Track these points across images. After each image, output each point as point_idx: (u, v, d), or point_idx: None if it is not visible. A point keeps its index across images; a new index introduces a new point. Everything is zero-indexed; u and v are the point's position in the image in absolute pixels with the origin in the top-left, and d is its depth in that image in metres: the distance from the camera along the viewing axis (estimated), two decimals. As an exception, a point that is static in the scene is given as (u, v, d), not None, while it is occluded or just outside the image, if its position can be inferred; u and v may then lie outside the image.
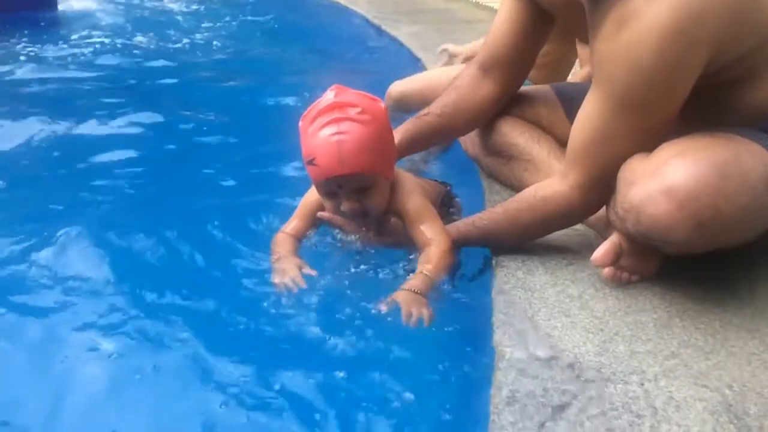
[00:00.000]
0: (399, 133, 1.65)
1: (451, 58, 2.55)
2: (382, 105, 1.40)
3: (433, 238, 1.36)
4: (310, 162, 1.31)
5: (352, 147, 1.27)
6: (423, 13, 4.79)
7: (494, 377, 1.09)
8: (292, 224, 1.51)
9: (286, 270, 1.36)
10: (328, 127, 1.28)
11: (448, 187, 1.67)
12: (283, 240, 1.48)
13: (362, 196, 1.33)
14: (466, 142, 1.93)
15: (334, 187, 1.33)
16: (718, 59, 1.18)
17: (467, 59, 2.42)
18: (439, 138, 1.76)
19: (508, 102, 1.75)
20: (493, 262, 1.44)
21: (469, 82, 1.69)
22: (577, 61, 2.31)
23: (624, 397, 1.04)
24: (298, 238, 1.49)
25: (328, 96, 1.33)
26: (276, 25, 4.81)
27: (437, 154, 2.12)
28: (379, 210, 1.38)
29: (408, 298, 1.25)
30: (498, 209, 1.44)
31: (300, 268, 1.37)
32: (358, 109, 1.30)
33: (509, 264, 1.42)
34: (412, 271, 1.36)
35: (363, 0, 5.29)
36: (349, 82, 1.40)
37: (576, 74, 2.29)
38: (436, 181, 1.68)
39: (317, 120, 1.30)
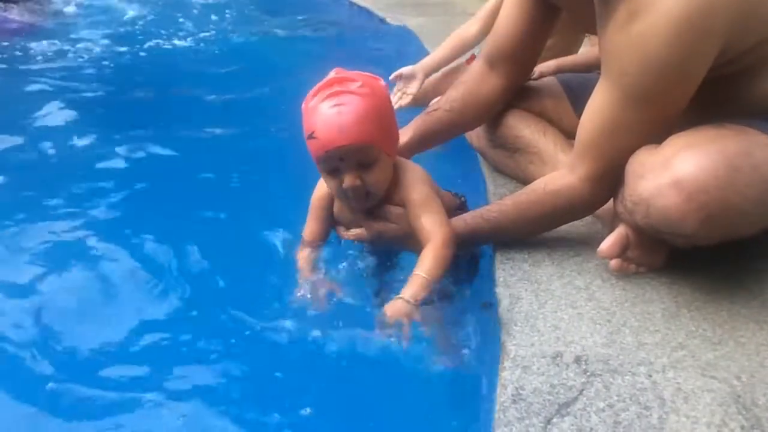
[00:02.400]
0: (410, 130, 1.64)
1: (409, 81, 2.25)
2: (383, 83, 1.39)
3: (431, 230, 1.34)
4: (311, 136, 1.30)
5: (351, 117, 1.26)
6: (427, 6, 4.77)
7: (499, 375, 1.09)
8: (308, 230, 1.51)
9: (311, 288, 1.38)
10: (328, 100, 1.28)
11: (463, 199, 1.65)
12: (302, 252, 1.48)
13: (364, 173, 1.32)
14: (471, 135, 1.92)
15: (335, 161, 1.31)
16: (728, 50, 1.17)
17: (426, 75, 2.25)
18: (448, 133, 1.75)
19: (514, 95, 1.74)
20: (499, 254, 1.44)
21: (475, 76, 1.69)
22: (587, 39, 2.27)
23: (631, 389, 1.04)
24: (317, 243, 1.49)
25: (329, 74, 1.34)
26: (279, 18, 4.79)
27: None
28: (380, 190, 1.37)
29: (393, 312, 1.23)
30: (507, 202, 1.43)
31: (324, 287, 1.38)
32: (359, 83, 1.29)
33: (515, 256, 1.42)
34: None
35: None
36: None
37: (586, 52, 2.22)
38: (450, 191, 1.66)
39: (317, 95, 1.30)
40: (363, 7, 4.87)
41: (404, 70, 2.26)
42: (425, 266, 1.29)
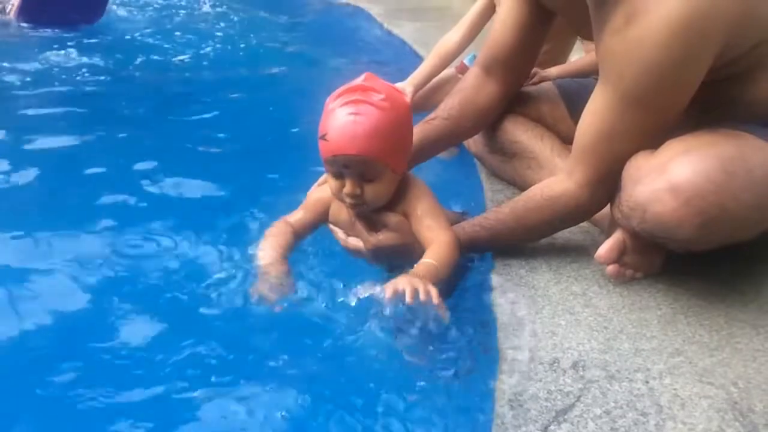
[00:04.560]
0: None
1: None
2: (407, 99, 1.39)
3: (437, 232, 1.33)
4: (323, 137, 1.31)
5: (364, 129, 1.27)
6: (424, 11, 4.78)
7: (497, 382, 1.08)
8: (296, 216, 1.48)
9: (269, 281, 1.32)
10: (347, 106, 1.29)
11: (464, 215, 1.65)
12: (277, 232, 1.42)
13: (366, 183, 1.32)
14: (469, 140, 1.93)
15: (340, 166, 1.31)
16: (726, 53, 1.17)
17: (416, 89, 2.23)
18: (447, 141, 1.75)
19: (511, 100, 1.74)
20: (496, 260, 1.44)
21: (472, 83, 1.69)
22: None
23: (628, 396, 1.03)
24: (298, 232, 1.46)
25: (357, 80, 1.34)
26: (277, 23, 4.81)
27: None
28: (378, 202, 1.36)
29: (402, 279, 1.16)
30: (504, 209, 1.43)
31: (282, 281, 1.32)
32: (382, 96, 1.30)
33: (512, 262, 1.42)
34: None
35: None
36: (351, 79, 1.40)
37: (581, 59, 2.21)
38: (453, 211, 1.66)
39: (339, 98, 1.31)
40: (361, 12, 4.89)
41: (399, 85, 2.28)
42: (434, 254, 1.27)
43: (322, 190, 1.49)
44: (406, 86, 2.22)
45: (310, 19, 5.06)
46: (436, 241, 1.32)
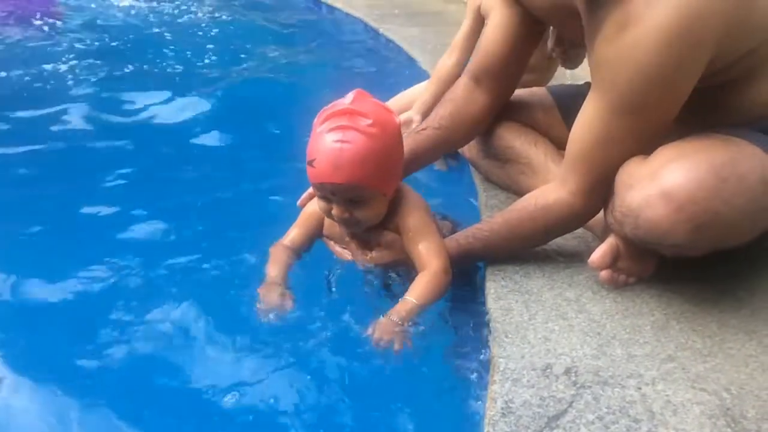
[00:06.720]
0: None
1: (408, 126, 2.17)
2: (397, 120, 1.37)
3: (428, 258, 1.33)
4: (310, 162, 1.30)
5: (350, 158, 1.25)
6: (421, 16, 4.79)
7: (489, 387, 1.08)
8: (291, 235, 1.49)
9: (269, 298, 1.34)
10: (334, 132, 1.27)
11: (454, 225, 1.64)
12: (276, 255, 1.45)
13: (354, 208, 1.32)
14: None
15: (327, 192, 1.32)
16: (718, 60, 1.18)
17: (424, 116, 2.15)
18: (439, 151, 1.74)
19: (504, 107, 1.74)
20: (490, 265, 1.44)
21: (463, 93, 1.68)
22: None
23: (621, 402, 1.03)
24: (295, 250, 1.47)
25: (346, 99, 1.32)
26: (273, 28, 4.81)
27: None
28: (369, 223, 1.36)
29: (382, 326, 1.23)
30: (497, 219, 1.43)
31: (282, 297, 1.34)
32: (369, 121, 1.27)
33: (505, 267, 1.42)
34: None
35: (360, 4, 5.29)
36: (348, 86, 1.39)
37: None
38: (446, 217, 1.66)
39: (327, 122, 1.29)
40: (357, 18, 4.89)
41: (402, 117, 2.27)
42: (417, 292, 1.29)
43: (314, 203, 1.48)
44: (414, 115, 2.23)
45: (306, 24, 5.07)
46: (425, 273, 1.32)
